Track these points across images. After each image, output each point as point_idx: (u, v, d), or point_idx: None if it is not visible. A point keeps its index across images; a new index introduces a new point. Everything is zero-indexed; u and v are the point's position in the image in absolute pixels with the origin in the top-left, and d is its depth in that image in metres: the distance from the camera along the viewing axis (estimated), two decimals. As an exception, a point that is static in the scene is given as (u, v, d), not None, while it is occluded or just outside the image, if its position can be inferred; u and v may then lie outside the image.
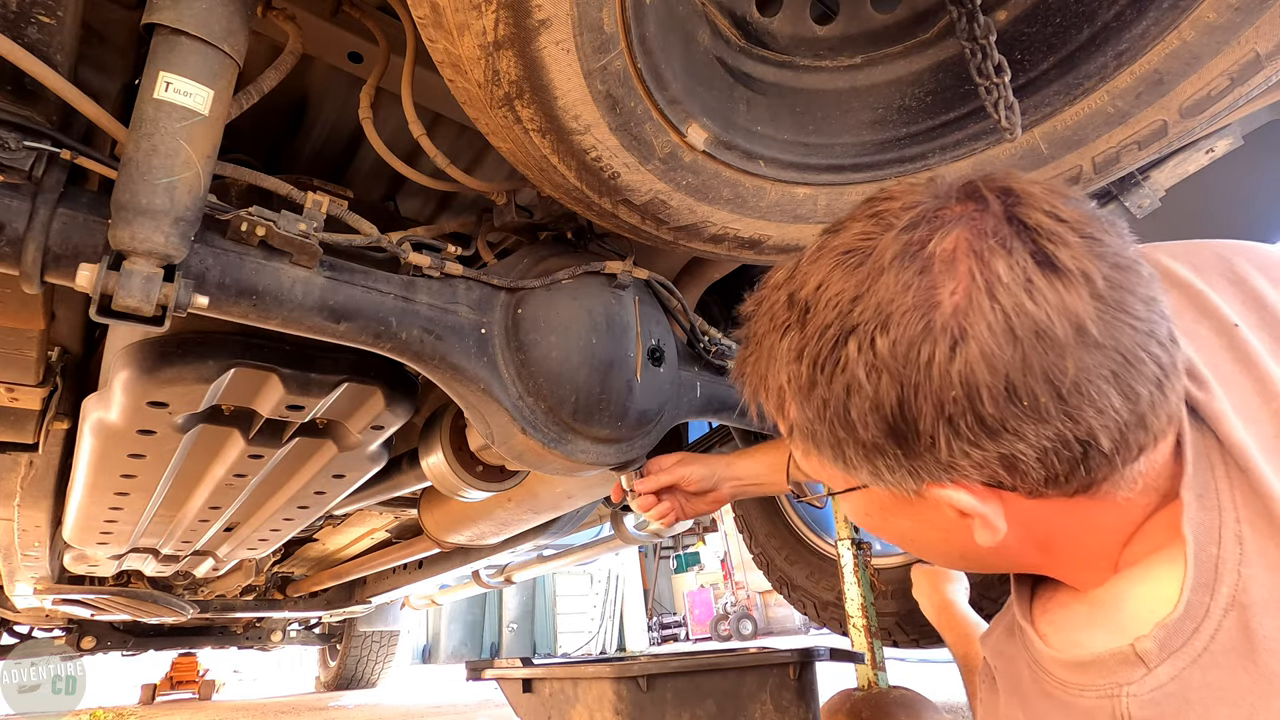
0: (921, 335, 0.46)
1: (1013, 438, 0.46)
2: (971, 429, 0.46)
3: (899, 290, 0.47)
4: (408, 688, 7.07)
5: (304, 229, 0.87)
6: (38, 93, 0.77)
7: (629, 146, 0.84)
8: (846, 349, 0.48)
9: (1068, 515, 0.52)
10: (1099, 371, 0.44)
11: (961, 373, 0.45)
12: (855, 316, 0.48)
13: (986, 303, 0.45)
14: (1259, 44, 0.83)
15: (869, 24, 1.08)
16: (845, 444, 0.52)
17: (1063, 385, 0.44)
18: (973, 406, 0.45)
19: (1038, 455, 0.47)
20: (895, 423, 0.48)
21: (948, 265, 0.46)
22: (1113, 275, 0.45)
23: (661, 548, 16.06)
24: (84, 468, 1.40)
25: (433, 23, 0.68)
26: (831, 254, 0.52)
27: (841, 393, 0.49)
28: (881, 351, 0.47)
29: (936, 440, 0.47)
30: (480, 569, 3.81)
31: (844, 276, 0.50)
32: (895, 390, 0.47)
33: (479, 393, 1.06)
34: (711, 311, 1.79)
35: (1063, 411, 0.45)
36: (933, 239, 0.48)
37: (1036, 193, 0.49)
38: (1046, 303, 0.44)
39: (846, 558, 2.00)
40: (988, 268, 0.45)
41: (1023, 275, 0.45)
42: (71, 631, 4.59)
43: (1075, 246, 0.45)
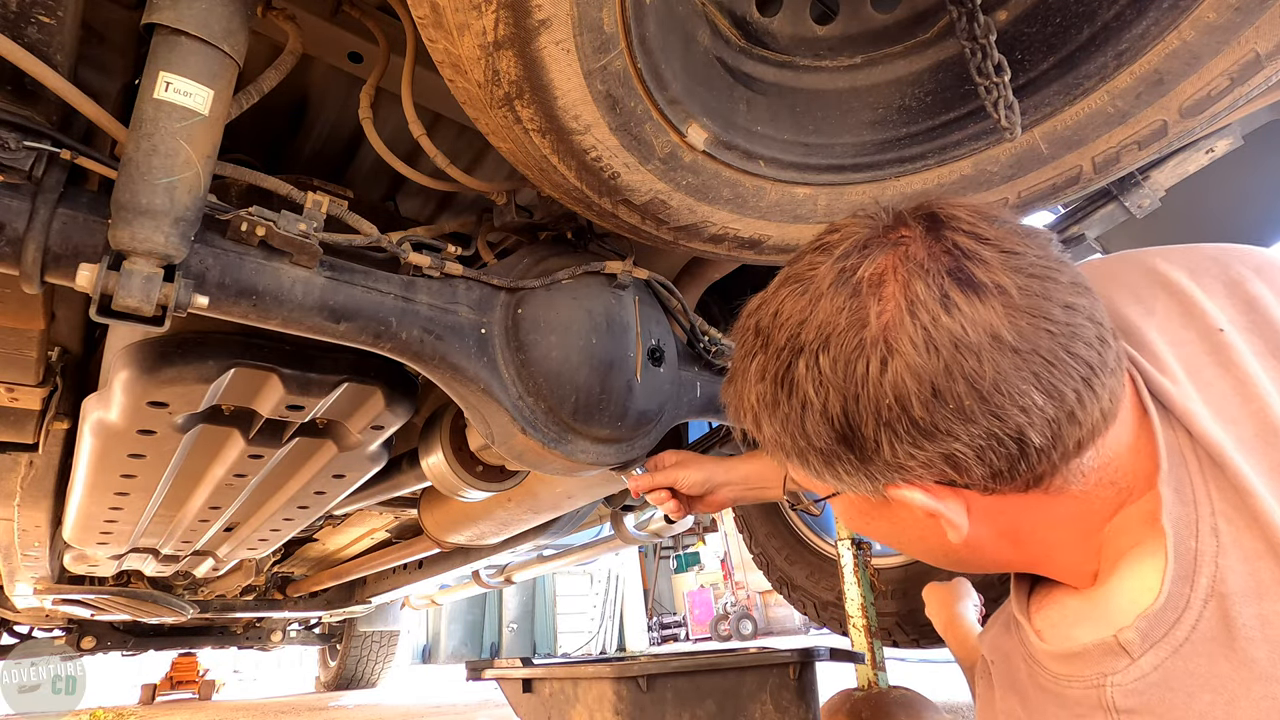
0: (856, 352, 0.51)
1: (947, 437, 0.50)
2: (909, 432, 0.51)
3: (834, 313, 0.53)
4: (408, 688, 7.07)
5: (304, 229, 0.87)
6: (38, 93, 0.77)
7: (629, 146, 0.84)
8: (797, 368, 0.54)
9: (1028, 510, 0.56)
10: (1018, 374, 0.48)
11: (893, 383, 0.50)
12: (801, 339, 0.54)
13: (909, 320, 0.50)
14: (1259, 44, 0.83)
15: (869, 24, 1.08)
16: (807, 453, 0.57)
17: (982, 387, 0.48)
18: (906, 412, 0.50)
19: (975, 453, 0.51)
20: (843, 430, 0.53)
21: (875, 288, 0.52)
22: (1029, 285, 0.50)
23: (661, 548, 16.06)
24: (84, 468, 1.40)
25: (433, 23, 0.68)
26: (786, 284, 0.58)
27: (798, 406, 0.55)
28: (824, 368, 0.53)
29: (880, 444, 0.52)
30: (480, 569, 3.81)
31: (792, 303, 0.56)
32: (840, 402, 0.52)
33: (479, 393, 1.06)
34: (711, 311, 1.79)
35: (987, 411, 0.49)
36: (862, 265, 0.53)
37: (961, 215, 0.54)
38: (962, 316, 0.49)
39: (846, 558, 2.00)
40: (909, 289, 0.51)
41: (939, 293, 0.50)
42: (71, 631, 4.59)
43: (992, 262, 0.50)
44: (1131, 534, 0.54)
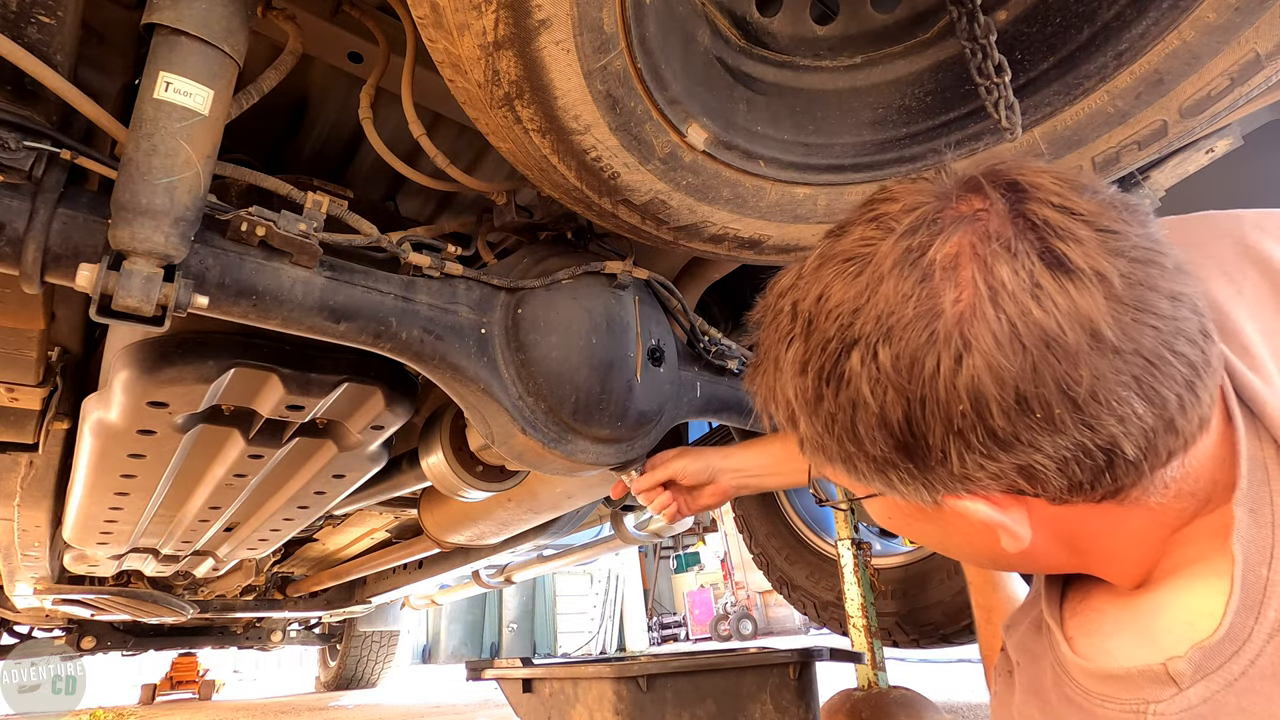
0: (925, 347, 0.44)
1: (1028, 449, 0.44)
2: (983, 443, 0.44)
3: (899, 300, 0.45)
4: (408, 688, 7.07)
5: (304, 229, 0.87)
6: (38, 93, 0.77)
7: (629, 146, 0.84)
8: (850, 363, 0.47)
9: (1095, 520, 0.50)
10: (1118, 378, 0.42)
11: (968, 386, 0.43)
12: (856, 329, 0.46)
13: (990, 311, 0.42)
14: (1259, 44, 0.83)
15: (869, 24, 1.08)
16: (855, 458, 0.51)
17: (1078, 395, 0.42)
18: (982, 420, 0.43)
19: (1057, 465, 0.44)
20: (904, 438, 0.47)
21: (949, 272, 0.44)
22: (1132, 272, 0.42)
23: (661, 548, 16.06)
24: (84, 468, 1.40)
25: (433, 23, 0.68)
26: (832, 262, 0.50)
27: (848, 407, 0.48)
28: (884, 365, 0.45)
29: (948, 454, 0.46)
30: (480, 569, 3.81)
31: (844, 286, 0.48)
32: (901, 405, 0.45)
33: (479, 393, 1.06)
34: (711, 311, 1.79)
35: (1080, 421, 0.43)
36: (933, 244, 0.45)
37: (1046, 184, 0.46)
38: (1056, 308, 0.42)
39: (846, 558, 2.01)
40: (991, 273, 0.43)
41: (1029, 279, 0.42)
42: (71, 631, 4.59)
43: (1089, 243, 0.43)
44: (1197, 546, 0.49)
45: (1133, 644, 0.49)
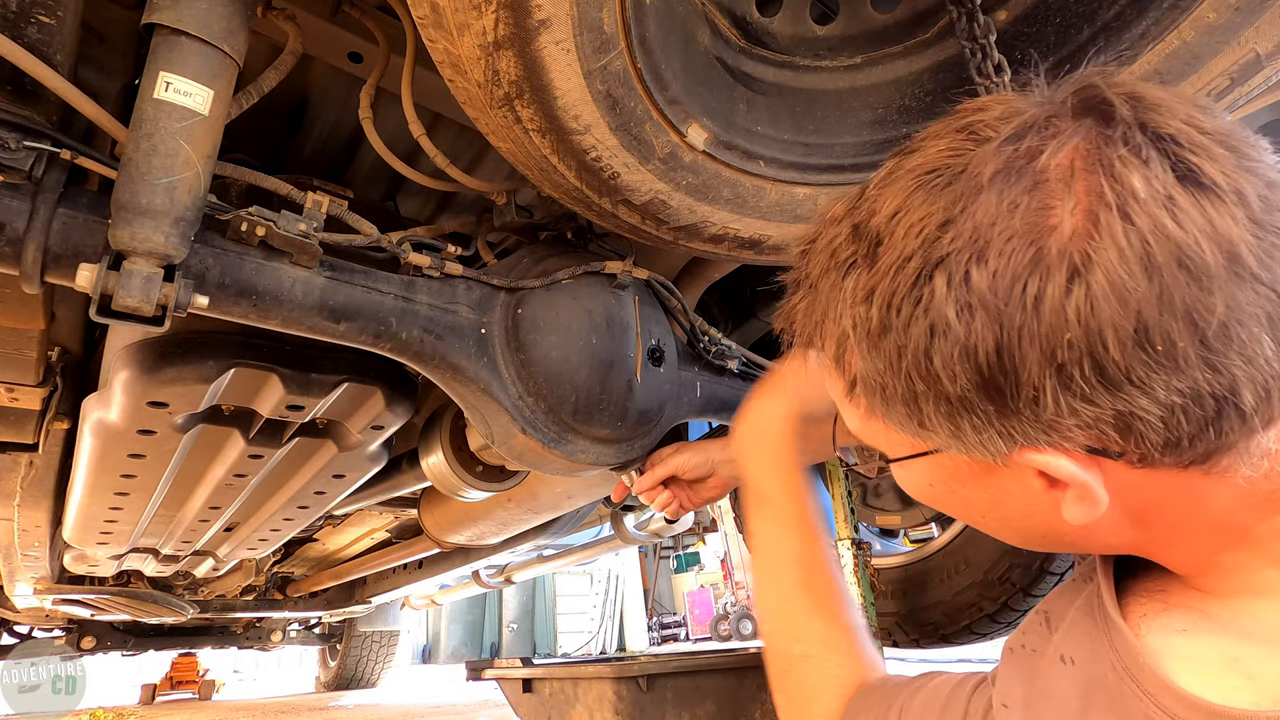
0: (1031, 265, 0.38)
1: (1137, 392, 0.38)
2: (1087, 380, 0.38)
3: (1003, 211, 0.39)
4: (408, 688, 7.07)
5: (304, 229, 0.87)
6: (38, 93, 0.77)
7: (629, 146, 0.84)
8: (932, 284, 0.40)
9: (1174, 490, 0.44)
10: (1252, 312, 0.36)
11: (1081, 310, 0.37)
12: (945, 245, 0.40)
13: (1119, 223, 0.37)
14: (1259, 44, 0.83)
15: (869, 24, 1.08)
16: (924, 399, 0.44)
17: (1209, 327, 0.36)
18: (1092, 352, 0.38)
19: (1162, 414, 0.39)
20: (990, 373, 0.40)
21: (1065, 180, 0.38)
22: (1269, 194, 0.37)
23: (661, 548, 16.06)
24: (84, 468, 1.40)
25: (433, 23, 0.68)
26: (909, 175, 0.43)
27: (923, 337, 0.41)
28: (978, 286, 0.39)
29: (1041, 395, 0.40)
30: (480, 569, 3.81)
31: (929, 199, 0.41)
32: (993, 333, 0.39)
33: (479, 393, 1.06)
34: (711, 311, 1.79)
35: (1203, 359, 0.37)
36: (1046, 149, 0.39)
37: (1169, 99, 0.40)
38: (1194, 224, 0.36)
39: (846, 558, 2.01)
40: (1119, 181, 0.37)
41: (1163, 190, 0.37)
42: (71, 631, 4.60)
43: (1224, 160, 0.38)
44: None
45: (1237, 668, 0.42)
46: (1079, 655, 0.49)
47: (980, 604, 2.00)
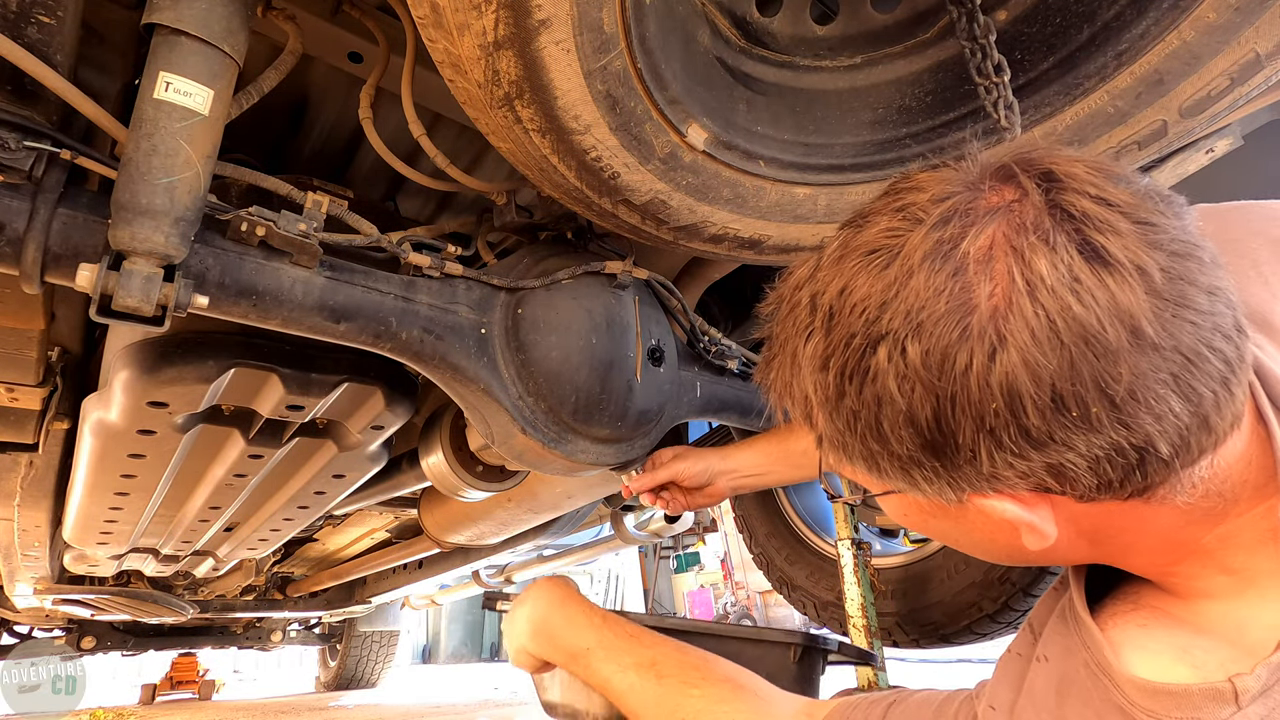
0: (957, 342, 0.43)
1: (1061, 448, 0.43)
2: (1015, 441, 0.43)
3: (931, 294, 0.44)
4: (408, 688, 7.07)
5: (304, 229, 0.87)
6: (38, 93, 0.77)
7: (629, 146, 0.84)
8: (876, 358, 0.46)
9: (1120, 516, 0.49)
10: (1157, 376, 0.41)
11: (1002, 383, 0.42)
12: (884, 324, 0.45)
13: (1028, 305, 0.41)
14: (1259, 44, 0.83)
15: (869, 24, 1.08)
16: (878, 456, 0.50)
17: (1116, 393, 0.41)
18: (1016, 419, 0.42)
19: (1089, 464, 0.44)
20: (932, 436, 0.46)
21: (984, 265, 0.43)
22: (1171, 266, 0.41)
23: (661, 548, 16.04)
24: (84, 468, 1.40)
25: (433, 23, 0.68)
26: (856, 254, 0.48)
27: (872, 404, 0.47)
28: (914, 360, 0.44)
29: (977, 453, 0.45)
30: (480, 569, 3.81)
31: (870, 280, 0.46)
32: (930, 402, 0.44)
33: (479, 393, 1.06)
34: (711, 311, 1.79)
35: (1117, 420, 0.41)
36: (966, 236, 0.44)
37: (1080, 174, 0.44)
38: (1095, 303, 0.40)
39: (846, 558, 2.00)
40: (1028, 266, 0.42)
41: (1068, 273, 0.41)
42: (71, 631, 4.59)
43: (1127, 235, 0.41)
44: (1246, 553, 0.48)
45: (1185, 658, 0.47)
46: (1052, 653, 0.55)
47: (980, 604, 2.00)
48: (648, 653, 0.81)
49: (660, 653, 0.80)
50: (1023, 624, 0.63)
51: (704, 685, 0.76)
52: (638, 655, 0.81)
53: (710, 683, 0.76)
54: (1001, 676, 0.59)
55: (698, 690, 0.75)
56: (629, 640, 0.83)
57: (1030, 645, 0.59)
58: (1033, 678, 0.56)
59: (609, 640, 0.83)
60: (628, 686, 0.79)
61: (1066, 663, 0.53)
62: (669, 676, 0.78)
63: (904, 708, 0.64)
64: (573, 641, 0.85)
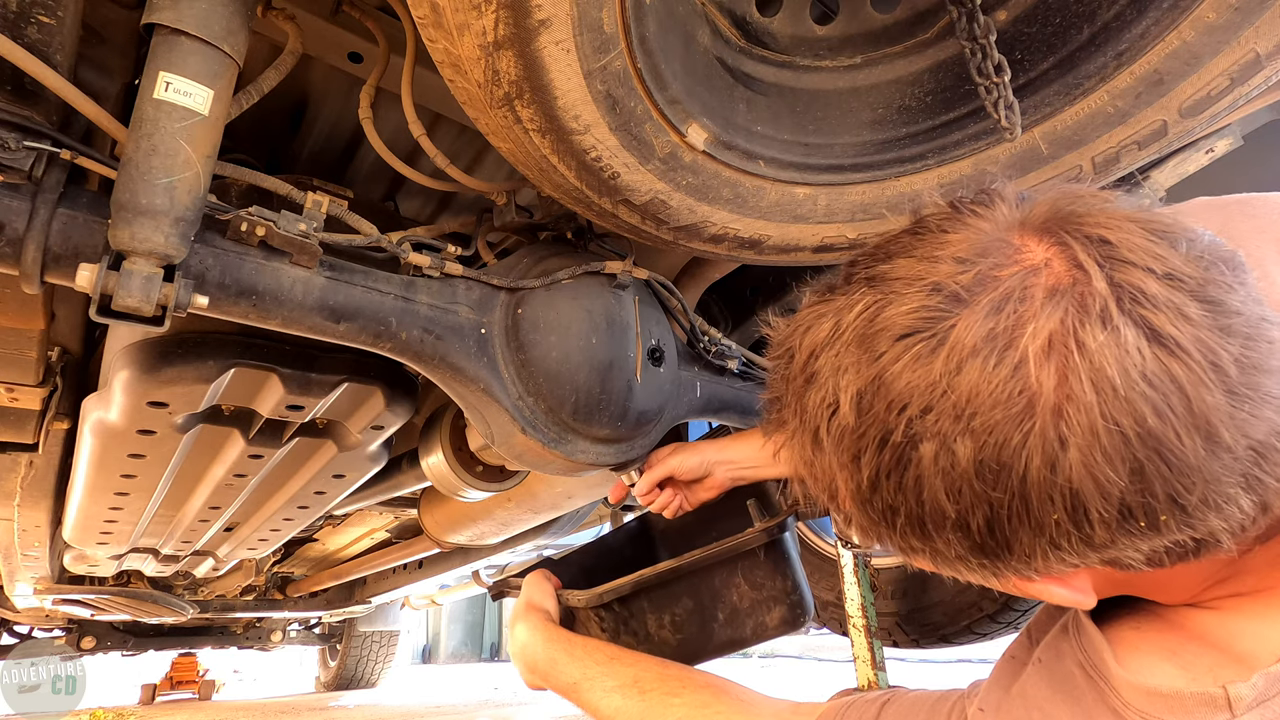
0: (1016, 449, 0.39)
1: (1122, 547, 0.41)
2: (1074, 546, 0.41)
3: (985, 393, 0.39)
4: (408, 688, 7.07)
5: (304, 229, 0.87)
6: (38, 93, 0.77)
7: (629, 146, 0.84)
8: (919, 455, 0.41)
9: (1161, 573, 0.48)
10: (1229, 479, 0.38)
11: (1065, 494, 0.39)
12: (929, 423, 0.41)
13: (1096, 410, 0.37)
14: (1259, 44, 0.83)
15: (869, 24, 1.08)
16: (919, 552, 0.47)
17: (1189, 504, 0.38)
18: (1079, 530, 0.40)
19: (1146, 558, 0.42)
20: (983, 540, 0.42)
21: (1044, 360, 0.39)
22: (1245, 355, 0.38)
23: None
24: (84, 468, 1.40)
25: (433, 23, 0.68)
26: (887, 336, 0.43)
27: (914, 505, 0.43)
28: (964, 465, 0.40)
29: (1033, 556, 0.42)
30: (480, 569, 3.81)
31: (910, 371, 0.41)
32: (984, 510, 0.41)
33: (479, 393, 1.06)
34: (711, 311, 1.79)
35: (1184, 524, 0.39)
36: (1024, 328, 0.39)
37: (1140, 244, 0.40)
38: (1171, 411, 0.37)
39: (846, 558, 2.01)
40: (1093, 365, 0.38)
41: (1140, 375, 0.37)
42: (71, 631, 4.59)
43: (1199, 323, 0.38)
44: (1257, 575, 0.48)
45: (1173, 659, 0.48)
46: (1048, 657, 0.55)
47: (980, 604, 2.00)
48: (629, 671, 0.84)
49: (640, 670, 0.84)
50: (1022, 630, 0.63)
51: (685, 693, 0.79)
52: (620, 677, 0.84)
53: (691, 690, 0.79)
54: (996, 680, 0.59)
55: (679, 699, 0.78)
56: (610, 664, 0.86)
57: (1027, 650, 0.59)
58: (1025, 680, 0.56)
59: (591, 671, 0.87)
60: (615, 709, 0.82)
61: (1061, 666, 0.53)
62: (651, 691, 0.80)
63: (898, 706, 0.64)
64: (560, 679, 0.89)
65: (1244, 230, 0.59)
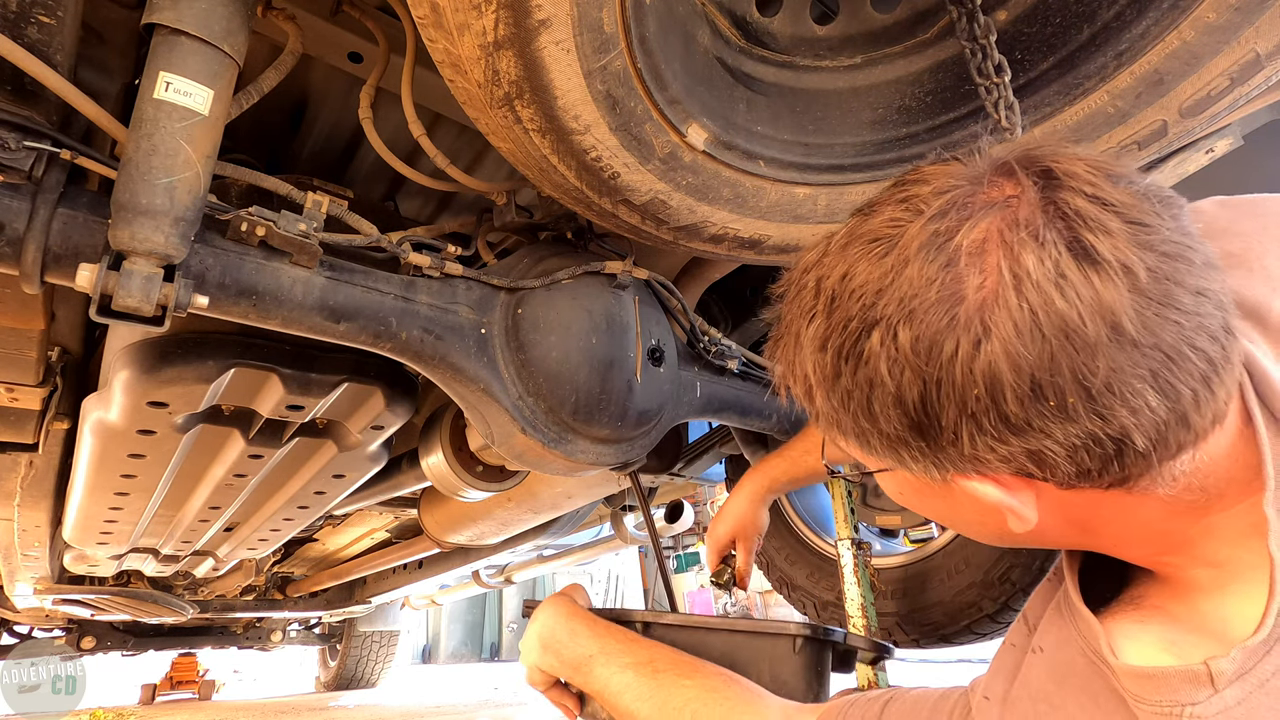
0: (945, 331, 0.45)
1: (1039, 435, 0.45)
2: (995, 427, 0.45)
3: (923, 284, 0.46)
4: (408, 688, 7.07)
5: (304, 229, 0.87)
6: (38, 93, 0.77)
7: (629, 146, 0.84)
8: (870, 342, 0.48)
9: (1106, 506, 0.51)
10: (1135, 371, 0.42)
11: (985, 371, 0.44)
12: (879, 310, 0.48)
13: (1013, 298, 0.43)
14: (1259, 44, 0.83)
15: (869, 24, 1.08)
16: (869, 434, 0.52)
17: (1093, 385, 0.43)
18: (996, 405, 0.45)
19: (1067, 452, 0.45)
20: (918, 417, 0.48)
21: (975, 258, 0.45)
22: (1159, 266, 0.42)
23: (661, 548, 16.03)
24: (84, 468, 1.40)
25: (433, 23, 0.68)
26: (859, 241, 0.51)
27: (865, 385, 0.49)
28: (904, 346, 0.46)
29: (959, 435, 0.47)
30: (480, 569, 3.81)
31: (869, 266, 0.49)
32: (918, 386, 0.47)
33: (479, 393, 1.06)
34: (711, 311, 1.79)
35: (1093, 411, 0.43)
36: (961, 229, 0.46)
37: (1080, 172, 0.46)
38: (1078, 299, 0.42)
39: (846, 558, 2.00)
40: (1017, 260, 0.44)
41: (1054, 269, 0.43)
42: (71, 631, 4.59)
43: (1118, 235, 0.43)
44: (1229, 545, 0.50)
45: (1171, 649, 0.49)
46: (1048, 644, 0.57)
47: (980, 604, 2.00)
48: (645, 652, 0.85)
49: (656, 653, 0.85)
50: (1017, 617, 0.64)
51: (697, 676, 0.80)
52: (635, 655, 0.84)
53: (703, 675, 0.80)
54: (997, 668, 0.60)
55: (690, 680, 0.79)
56: (628, 643, 0.87)
57: (1025, 637, 0.61)
58: (1028, 668, 0.57)
59: (609, 646, 0.87)
60: (624, 685, 0.82)
61: (1063, 652, 0.55)
62: (664, 671, 0.82)
63: (900, 705, 0.65)
64: (575, 651, 0.88)
65: (1249, 229, 0.61)
